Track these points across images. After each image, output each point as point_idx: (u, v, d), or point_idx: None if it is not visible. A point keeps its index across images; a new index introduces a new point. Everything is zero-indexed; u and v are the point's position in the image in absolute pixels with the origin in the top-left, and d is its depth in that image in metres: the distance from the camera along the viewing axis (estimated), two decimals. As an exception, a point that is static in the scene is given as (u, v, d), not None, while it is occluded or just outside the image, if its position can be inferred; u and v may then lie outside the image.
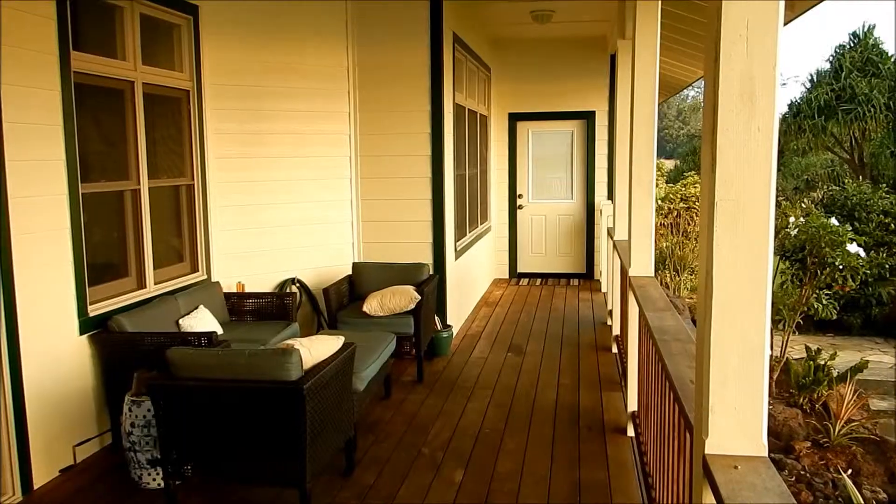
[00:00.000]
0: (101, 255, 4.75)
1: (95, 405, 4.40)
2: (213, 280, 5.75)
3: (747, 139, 1.74)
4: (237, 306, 5.73)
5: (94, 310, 4.40)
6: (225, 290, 5.78)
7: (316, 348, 3.73)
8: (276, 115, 6.27)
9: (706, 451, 1.82)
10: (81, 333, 4.29)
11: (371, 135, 6.74)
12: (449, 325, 6.72)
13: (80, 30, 4.29)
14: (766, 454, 1.80)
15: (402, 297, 5.75)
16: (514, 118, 10.20)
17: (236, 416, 3.49)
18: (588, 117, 10.03)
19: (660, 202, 12.74)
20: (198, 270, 5.68)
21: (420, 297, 5.73)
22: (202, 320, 4.94)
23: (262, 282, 6.22)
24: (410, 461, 4.27)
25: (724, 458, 1.80)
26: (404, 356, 6.04)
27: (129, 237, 4.93)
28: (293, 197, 6.44)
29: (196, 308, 5.06)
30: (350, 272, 6.40)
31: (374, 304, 5.79)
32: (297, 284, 6.46)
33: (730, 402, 1.80)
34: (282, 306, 5.71)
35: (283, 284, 6.37)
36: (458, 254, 7.44)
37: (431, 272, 6.55)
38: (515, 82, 10.07)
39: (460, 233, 7.64)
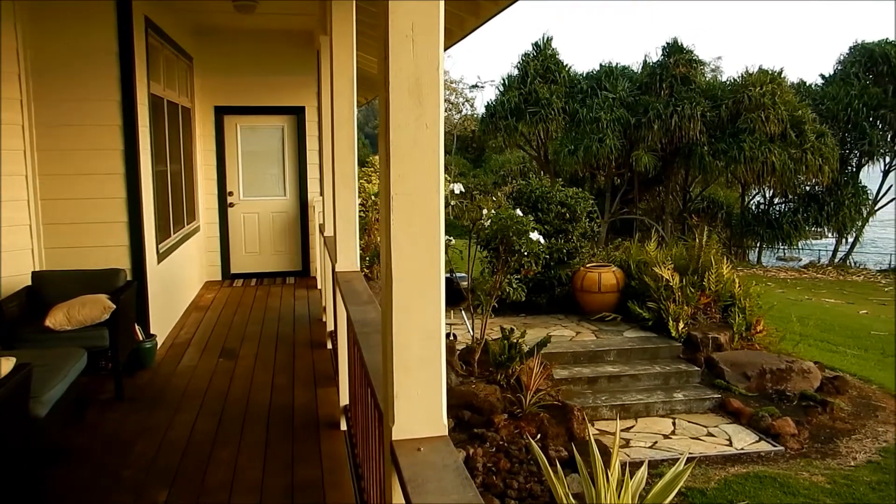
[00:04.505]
0: None
1: None
2: None
3: (418, 135, 1.82)
4: None
5: None
6: None
7: (-24, 374, 3.21)
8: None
9: (393, 437, 1.88)
10: None
11: (52, 126, 5.98)
12: (153, 335, 6.24)
13: None
14: (446, 433, 1.90)
15: (94, 308, 5.20)
16: (221, 112, 9.78)
17: None
18: (298, 113, 9.97)
19: (373, 198, 13.11)
20: None
21: (115, 307, 5.23)
22: None
23: (-90, 300, 5.20)
24: (108, 487, 3.89)
25: (410, 441, 1.87)
26: (101, 372, 5.48)
27: None
28: (-51, 197, 5.47)
29: None
30: (30, 283, 5.63)
31: (59, 318, 5.16)
32: (-40, 300, 5.52)
33: (412, 387, 1.88)
34: (-63, 327, 4.84)
35: (-61, 301, 5.39)
36: (162, 257, 6.93)
37: (130, 278, 6.02)
38: (222, 75, 9.64)
39: (164, 234, 7.12)
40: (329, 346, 6.44)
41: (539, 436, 5.96)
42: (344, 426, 4.56)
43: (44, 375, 4.00)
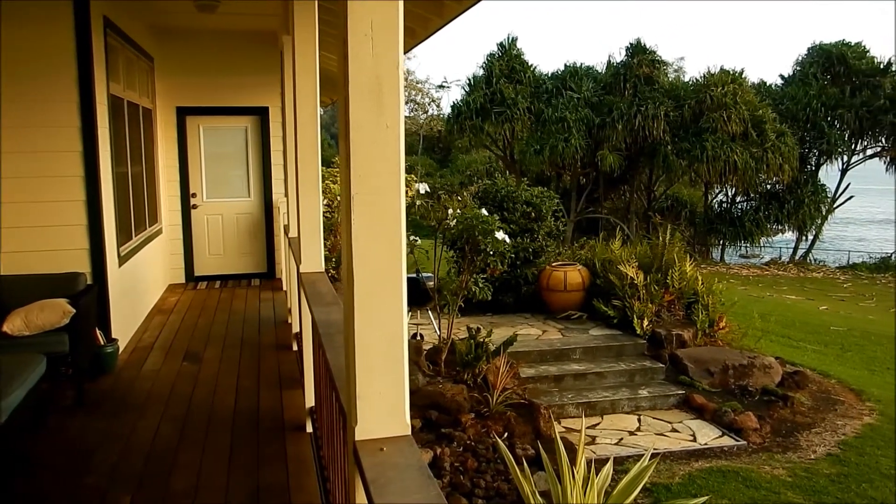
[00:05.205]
0: None
1: None
2: None
3: (377, 135, 1.81)
4: None
5: None
6: None
7: (-72, 382, 3.12)
8: None
9: (356, 438, 1.87)
10: None
11: (8, 127, 5.83)
12: (114, 339, 6.13)
13: None
14: (409, 433, 1.90)
15: (53, 312, 5.10)
16: (184, 112, 9.64)
17: None
18: (262, 113, 9.88)
19: (339, 198, 13.03)
20: None
21: (75, 311, 5.14)
22: None
23: None
24: (70, 495, 3.83)
25: (373, 442, 1.86)
26: (62, 378, 5.37)
27: None
28: None
29: None
30: (-15, 288, 5.50)
31: (17, 323, 5.06)
32: (-88, 307, 5.37)
33: (375, 387, 1.87)
34: None
35: None
36: (123, 260, 6.82)
37: (90, 282, 5.92)
38: (184, 75, 9.52)
39: (125, 237, 7.00)
40: (295, 347, 6.39)
41: (506, 434, 5.98)
42: (310, 428, 4.53)
43: (1, 382, 3.91)
